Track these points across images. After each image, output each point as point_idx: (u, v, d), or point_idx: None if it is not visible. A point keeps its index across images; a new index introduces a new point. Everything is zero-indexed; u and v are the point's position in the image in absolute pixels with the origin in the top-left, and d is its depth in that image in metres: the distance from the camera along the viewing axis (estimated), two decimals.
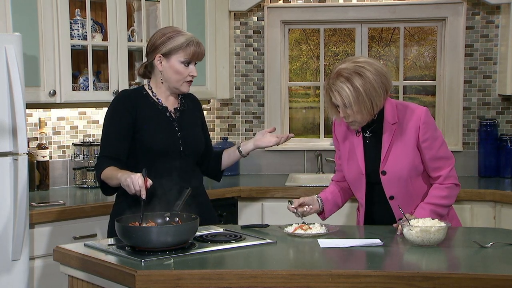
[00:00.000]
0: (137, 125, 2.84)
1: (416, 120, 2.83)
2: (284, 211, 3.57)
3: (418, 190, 2.89)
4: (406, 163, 2.83)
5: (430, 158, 2.84)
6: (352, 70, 2.72)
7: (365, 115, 2.75)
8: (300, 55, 5.22)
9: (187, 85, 2.89)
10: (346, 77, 2.71)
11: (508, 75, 4.40)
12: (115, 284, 2.30)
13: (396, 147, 2.84)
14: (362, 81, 2.70)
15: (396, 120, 2.84)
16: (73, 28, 3.91)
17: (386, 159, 2.84)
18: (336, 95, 2.72)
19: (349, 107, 2.73)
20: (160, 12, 4.21)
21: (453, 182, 2.87)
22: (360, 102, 2.71)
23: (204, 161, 3.09)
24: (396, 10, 4.73)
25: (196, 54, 2.85)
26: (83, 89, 3.99)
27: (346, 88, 2.70)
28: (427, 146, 2.83)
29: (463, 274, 2.18)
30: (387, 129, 2.85)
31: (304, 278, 2.19)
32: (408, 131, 2.83)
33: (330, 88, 2.75)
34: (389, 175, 2.84)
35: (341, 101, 2.73)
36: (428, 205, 2.82)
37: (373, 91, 2.72)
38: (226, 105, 4.90)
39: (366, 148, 2.90)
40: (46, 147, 4.03)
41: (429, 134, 2.83)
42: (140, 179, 2.56)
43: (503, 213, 4.02)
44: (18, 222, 3.14)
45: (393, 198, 2.86)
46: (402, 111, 2.86)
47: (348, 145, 2.95)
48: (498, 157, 4.58)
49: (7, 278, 3.17)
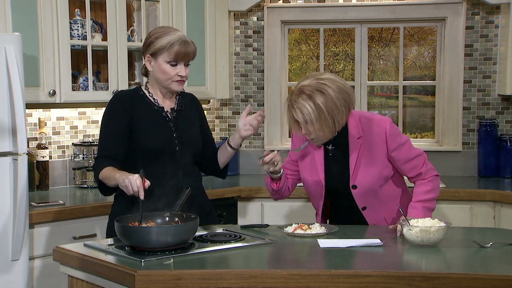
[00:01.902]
0: (134, 125, 2.84)
1: (381, 133, 2.86)
2: (284, 211, 3.59)
3: (390, 194, 2.93)
4: (376, 174, 2.86)
5: (403, 162, 2.88)
6: (314, 87, 2.71)
7: (326, 132, 2.76)
8: (300, 55, 5.22)
9: (177, 84, 2.87)
10: (308, 94, 2.71)
11: (507, 75, 4.40)
12: (115, 284, 2.30)
13: (365, 161, 2.86)
14: (323, 99, 2.70)
15: (361, 134, 2.86)
16: (73, 28, 3.91)
17: (355, 174, 2.87)
18: (298, 112, 2.73)
19: (311, 124, 2.73)
20: (160, 12, 4.21)
21: (433, 174, 2.91)
22: (321, 120, 2.71)
23: (204, 160, 3.09)
24: (395, 10, 4.73)
25: (181, 54, 2.82)
26: (82, 89, 3.99)
27: (308, 106, 2.70)
28: (397, 153, 2.87)
29: (462, 274, 2.18)
30: (353, 143, 2.86)
31: (304, 278, 2.19)
32: (375, 144, 2.86)
33: (292, 105, 2.75)
34: (359, 189, 2.87)
35: (303, 118, 2.73)
36: (418, 203, 2.85)
37: (335, 109, 2.72)
38: (226, 105, 4.90)
39: (328, 161, 2.92)
40: (46, 147, 4.03)
41: (397, 142, 2.87)
42: (138, 180, 2.56)
43: (503, 213, 4.02)
44: (17, 222, 3.14)
45: (365, 208, 2.91)
46: (367, 124, 2.88)
47: (309, 157, 2.96)
48: (498, 157, 4.58)
49: (7, 278, 3.17)
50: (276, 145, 4.86)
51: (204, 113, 3.14)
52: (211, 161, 3.09)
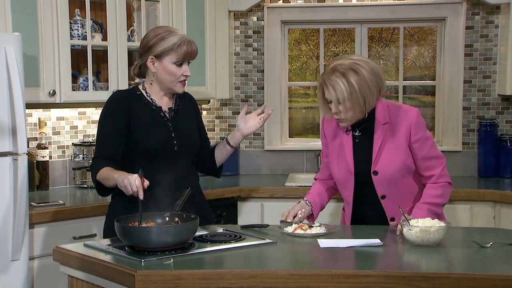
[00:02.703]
0: (131, 126, 2.84)
1: (408, 121, 2.84)
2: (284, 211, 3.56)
3: (409, 189, 2.91)
4: (397, 163, 2.84)
5: (422, 158, 2.86)
6: (347, 66, 2.74)
7: (357, 112, 2.76)
8: (300, 55, 5.21)
9: (181, 85, 2.88)
10: (342, 72, 2.73)
11: (507, 75, 4.40)
12: (115, 284, 2.30)
13: (388, 147, 2.85)
14: (357, 78, 2.72)
15: (387, 120, 2.85)
16: (73, 28, 3.91)
17: (377, 159, 2.85)
18: (331, 89, 2.74)
19: (342, 103, 2.74)
20: (160, 12, 4.21)
21: (446, 180, 2.89)
22: (353, 98, 2.72)
23: (200, 160, 3.08)
24: (395, 10, 4.73)
25: (188, 54, 2.84)
26: (82, 89, 3.99)
27: (341, 83, 2.71)
28: (419, 146, 2.85)
29: (462, 274, 2.18)
30: (378, 129, 2.86)
31: (304, 278, 2.19)
32: (400, 132, 2.84)
33: (324, 83, 2.76)
34: (380, 175, 2.85)
35: (335, 96, 2.74)
36: (425, 204, 2.83)
37: (367, 89, 2.73)
38: (226, 105, 4.90)
39: (355, 147, 2.91)
40: (45, 147, 4.03)
41: (421, 135, 2.85)
42: (137, 180, 2.56)
43: (502, 213, 4.02)
44: (17, 222, 3.14)
45: (384, 197, 2.88)
46: (394, 111, 2.88)
47: (337, 143, 2.95)
48: (497, 157, 4.58)
49: (7, 278, 3.17)
50: (276, 145, 4.86)
51: (201, 113, 3.13)
52: (207, 160, 3.08)
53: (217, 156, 3.06)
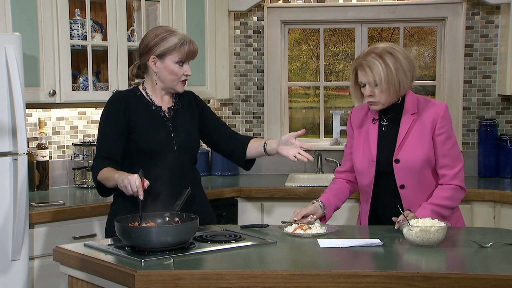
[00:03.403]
0: (131, 126, 2.84)
1: (436, 113, 2.87)
2: (284, 211, 3.58)
3: (429, 183, 2.89)
4: (420, 153, 2.84)
5: (441, 154, 2.86)
6: (383, 48, 2.81)
7: (391, 95, 2.80)
8: (300, 55, 5.22)
9: (181, 84, 2.89)
10: (379, 53, 2.79)
11: (507, 75, 4.40)
12: (115, 284, 2.30)
13: (413, 137, 2.86)
14: (393, 60, 2.78)
15: (416, 111, 2.88)
16: (73, 28, 3.91)
17: (400, 148, 2.86)
18: (367, 70, 2.78)
19: (379, 85, 2.78)
20: (160, 12, 4.21)
21: (458, 184, 2.87)
22: (389, 79, 2.77)
23: (229, 148, 3.03)
24: (395, 10, 4.73)
25: (190, 53, 2.85)
26: (82, 89, 3.99)
27: (378, 64, 2.77)
28: (441, 140, 2.85)
29: (463, 274, 2.18)
30: (406, 118, 2.88)
31: (304, 278, 2.19)
32: (426, 123, 2.86)
33: (360, 64, 2.81)
34: (402, 164, 2.85)
35: (372, 78, 2.78)
36: (430, 205, 2.82)
37: (402, 73, 2.79)
38: (226, 105, 4.90)
39: (381, 136, 2.93)
40: (45, 147, 4.03)
41: (445, 129, 2.86)
42: (137, 180, 2.56)
43: (502, 213, 4.02)
44: (17, 222, 3.14)
45: (403, 187, 2.87)
46: (423, 103, 2.91)
47: (363, 133, 2.97)
48: (497, 157, 4.58)
49: (7, 278, 3.17)
50: None
51: (205, 104, 3.08)
52: (237, 149, 3.03)
53: (250, 150, 3.02)
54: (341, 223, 2.96)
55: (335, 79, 5.21)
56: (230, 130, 3.09)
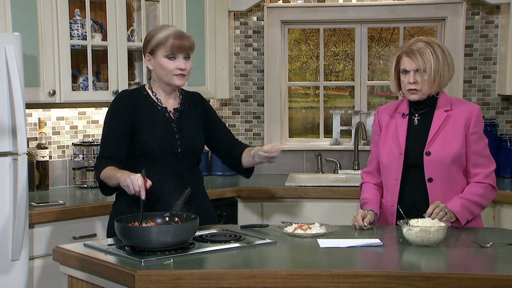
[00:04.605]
0: (136, 126, 2.85)
1: (469, 112, 2.89)
2: (284, 211, 3.58)
3: (457, 180, 2.88)
4: (453, 148, 2.85)
5: (474, 152, 2.87)
6: (433, 40, 2.88)
7: (433, 85, 2.84)
8: (300, 55, 5.22)
9: (177, 78, 2.87)
10: (427, 42, 2.84)
11: (507, 75, 4.40)
12: (115, 284, 2.30)
13: (446, 132, 2.87)
14: (442, 52, 2.85)
15: (449, 108, 2.90)
16: (73, 28, 3.91)
17: (433, 141, 2.87)
18: (418, 56, 2.81)
19: (425, 72, 2.81)
20: (159, 12, 4.21)
21: (491, 183, 2.89)
22: (434, 68, 2.81)
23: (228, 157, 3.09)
24: (395, 10, 4.73)
25: (177, 46, 2.83)
26: (82, 89, 3.99)
27: (429, 51, 2.82)
28: (475, 139, 2.87)
29: (462, 274, 2.18)
30: (439, 113, 2.90)
31: (304, 278, 2.19)
32: (460, 120, 2.88)
33: (410, 50, 2.83)
34: (433, 156, 2.85)
35: (422, 64, 2.81)
36: (461, 199, 2.82)
37: (447, 67, 2.85)
38: (226, 105, 4.90)
39: (411, 130, 2.93)
40: (45, 147, 4.03)
41: (479, 129, 2.89)
42: (140, 180, 2.56)
43: (503, 213, 4.02)
44: (17, 222, 3.14)
45: (431, 180, 2.86)
46: (456, 102, 2.95)
47: (392, 127, 2.97)
48: (498, 157, 4.56)
49: (7, 278, 3.17)
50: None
51: (211, 107, 3.11)
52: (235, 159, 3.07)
53: (244, 159, 3.07)
54: (341, 223, 2.96)
55: (335, 79, 5.21)
56: (231, 139, 3.11)
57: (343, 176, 4.67)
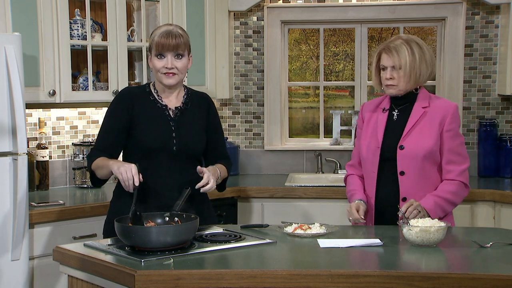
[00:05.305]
0: (133, 122, 2.86)
1: (446, 109, 2.93)
2: (284, 210, 3.58)
3: (428, 176, 2.91)
4: (426, 144, 2.89)
5: (448, 149, 2.90)
6: (411, 38, 2.93)
7: (410, 82, 2.88)
8: (300, 55, 5.22)
9: (165, 77, 2.85)
10: (406, 40, 2.91)
11: (507, 75, 4.40)
12: (115, 284, 2.30)
13: (421, 128, 2.92)
14: (419, 50, 2.89)
15: (427, 105, 2.94)
16: (73, 28, 3.91)
17: (407, 136, 2.91)
18: (394, 53, 2.88)
19: (402, 69, 2.86)
20: (159, 12, 4.21)
21: (463, 181, 2.92)
22: (410, 66, 2.86)
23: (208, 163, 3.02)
24: (395, 10, 4.73)
25: (161, 45, 2.81)
26: (82, 89, 3.99)
27: (405, 49, 2.87)
28: (450, 136, 2.90)
29: (462, 274, 2.18)
30: (417, 109, 2.95)
31: (303, 278, 2.19)
32: (436, 117, 2.92)
33: (388, 47, 2.90)
34: (406, 151, 2.90)
35: (398, 61, 2.87)
36: (434, 196, 2.86)
37: (424, 64, 2.89)
38: (226, 105, 4.90)
39: (390, 124, 2.98)
40: (45, 147, 4.03)
41: (454, 126, 2.92)
42: (134, 168, 2.59)
43: (503, 213, 4.02)
44: (17, 222, 3.14)
45: (403, 173, 2.90)
46: (435, 100, 2.99)
47: (373, 121, 3.03)
48: (497, 157, 4.58)
49: (7, 278, 3.17)
50: (276, 145, 4.86)
51: (216, 113, 3.05)
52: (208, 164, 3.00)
53: None
54: (341, 223, 2.96)
55: (335, 79, 5.21)
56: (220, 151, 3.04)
57: (343, 176, 4.65)
